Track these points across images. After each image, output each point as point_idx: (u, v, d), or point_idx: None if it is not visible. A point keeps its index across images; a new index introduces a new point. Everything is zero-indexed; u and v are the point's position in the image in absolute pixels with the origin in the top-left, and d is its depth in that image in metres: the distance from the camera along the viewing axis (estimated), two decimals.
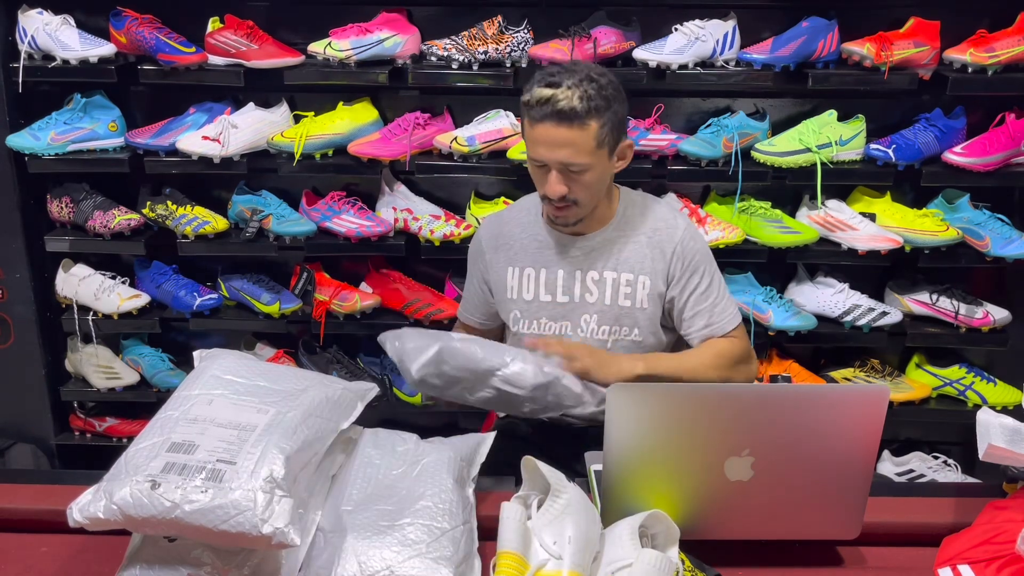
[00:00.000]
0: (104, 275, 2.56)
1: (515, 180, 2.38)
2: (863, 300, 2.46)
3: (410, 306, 2.51)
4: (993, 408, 1.44)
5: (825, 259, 2.45)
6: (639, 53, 2.29)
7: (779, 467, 1.25)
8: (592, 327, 1.77)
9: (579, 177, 1.63)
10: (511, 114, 2.37)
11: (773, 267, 2.48)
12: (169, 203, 2.46)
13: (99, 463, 1.28)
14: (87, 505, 1.12)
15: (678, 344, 1.89)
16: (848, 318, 2.45)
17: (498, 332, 1.98)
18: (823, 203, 2.41)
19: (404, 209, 2.45)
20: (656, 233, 1.76)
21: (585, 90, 1.57)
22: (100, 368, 2.60)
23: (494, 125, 2.35)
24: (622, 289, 1.75)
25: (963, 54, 2.26)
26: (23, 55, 2.34)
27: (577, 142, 1.59)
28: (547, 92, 1.57)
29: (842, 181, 2.39)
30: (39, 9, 2.33)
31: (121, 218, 2.45)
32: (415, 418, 2.61)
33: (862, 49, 2.27)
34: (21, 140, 2.36)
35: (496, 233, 1.86)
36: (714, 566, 1.24)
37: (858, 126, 2.36)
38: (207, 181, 2.53)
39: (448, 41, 2.30)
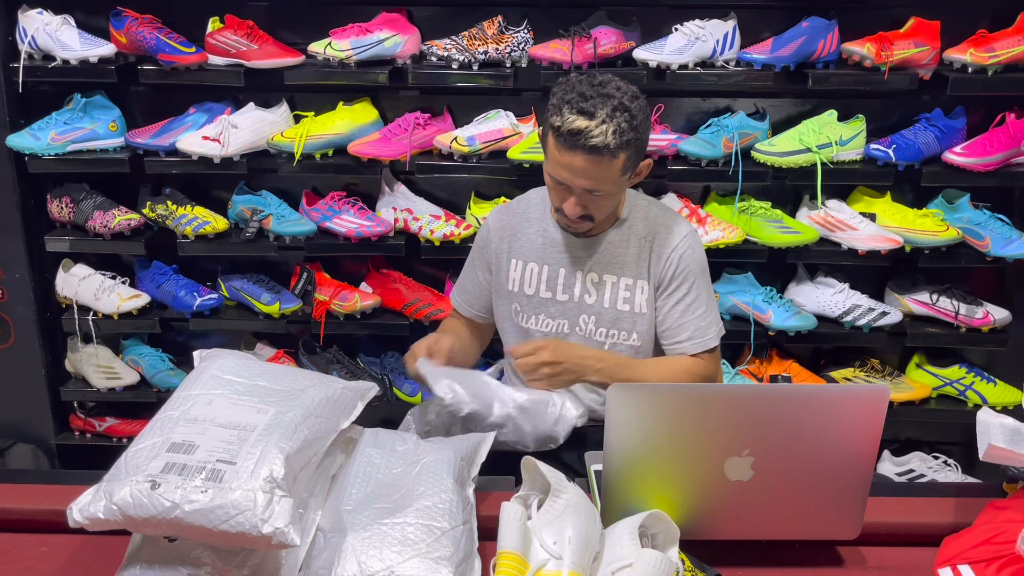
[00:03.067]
0: (104, 275, 2.56)
1: (515, 180, 2.37)
2: (863, 300, 2.46)
3: (410, 306, 2.51)
4: (993, 408, 1.44)
5: (825, 259, 2.45)
6: (639, 53, 2.29)
7: (779, 467, 1.25)
8: (590, 328, 1.77)
9: (599, 199, 1.64)
10: (511, 114, 2.37)
11: (773, 267, 2.48)
12: (169, 203, 2.46)
13: (99, 463, 1.27)
14: (87, 505, 1.12)
15: None
16: (848, 318, 2.45)
17: (490, 329, 1.98)
18: (823, 203, 2.41)
19: (404, 209, 2.45)
20: (656, 238, 1.76)
21: (619, 124, 1.53)
22: (100, 368, 2.60)
23: (494, 125, 2.35)
24: (621, 293, 1.75)
25: (963, 54, 2.26)
26: (23, 55, 2.34)
27: (604, 174, 1.58)
28: (581, 123, 1.53)
29: (842, 181, 2.39)
30: (39, 9, 2.33)
31: (121, 218, 2.45)
32: None
33: (862, 49, 2.27)
34: (21, 140, 2.36)
35: (504, 224, 1.87)
36: (714, 566, 1.24)
37: (858, 126, 2.36)
38: (207, 181, 2.53)
39: (448, 41, 2.31)
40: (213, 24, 2.34)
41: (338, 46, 2.29)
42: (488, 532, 1.23)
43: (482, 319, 1.95)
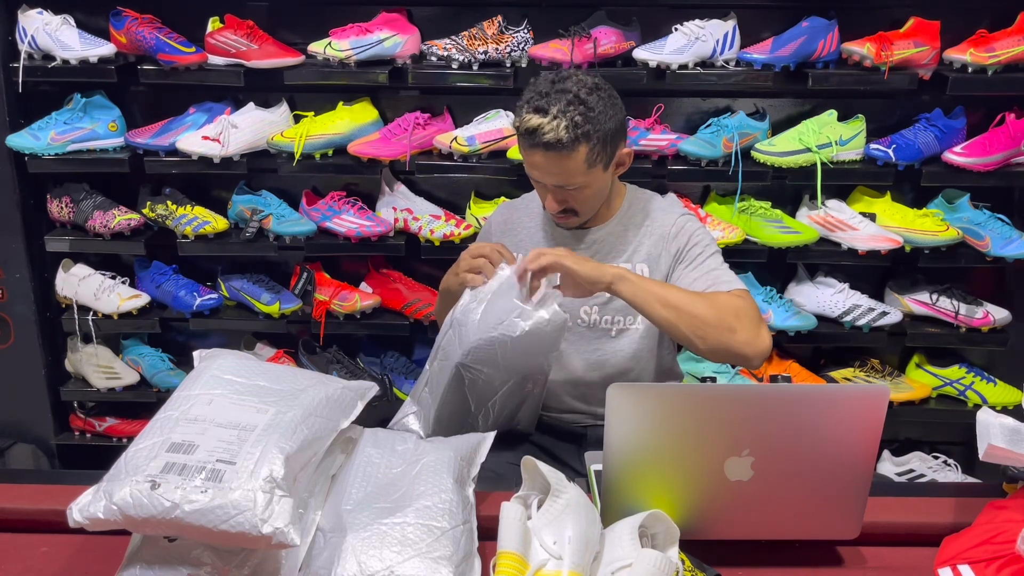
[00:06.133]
0: (104, 275, 2.56)
1: (515, 180, 2.38)
2: (863, 300, 2.46)
3: (410, 306, 2.51)
4: (993, 408, 1.44)
5: (825, 259, 2.45)
6: (639, 53, 2.29)
7: (779, 467, 1.25)
8: (594, 318, 1.77)
9: (575, 193, 1.65)
10: (511, 114, 2.37)
11: (773, 267, 2.48)
12: (169, 203, 2.46)
13: (99, 463, 1.27)
14: (87, 505, 1.12)
15: None
16: (848, 318, 2.45)
17: None
18: (823, 203, 2.41)
19: (404, 209, 2.45)
20: (653, 222, 1.77)
21: (572, 118, 1.55)
22: (100, 368, 2.60)
23: (494, 125, 2.35)
24: None
25: (963, 54, 2.26)
26: (23, 55, 2.34)
27: (568, 168, 1.59)
28: (535, 121, 1.56)
29: (842, 181, 2.39)
30: (39, 9, 2.33)
31: (121, 218, 2.45)
32: None
33: (862, 49, 2.27)
34: (21, 140, 2.36)
35: (507, 219, 1.90)
36: (714, 566, 1.24)
37: (858, 126, 2.36)
38: (207, 181, 2.53)
39: (448, 41, 2.31)
40: (213, 24, 2.34)
41: (338, 46, 2.29)
42: (488, 532, 1.22)
43: None
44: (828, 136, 2.33)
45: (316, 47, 2.31)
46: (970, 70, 2.27)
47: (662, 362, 1.82)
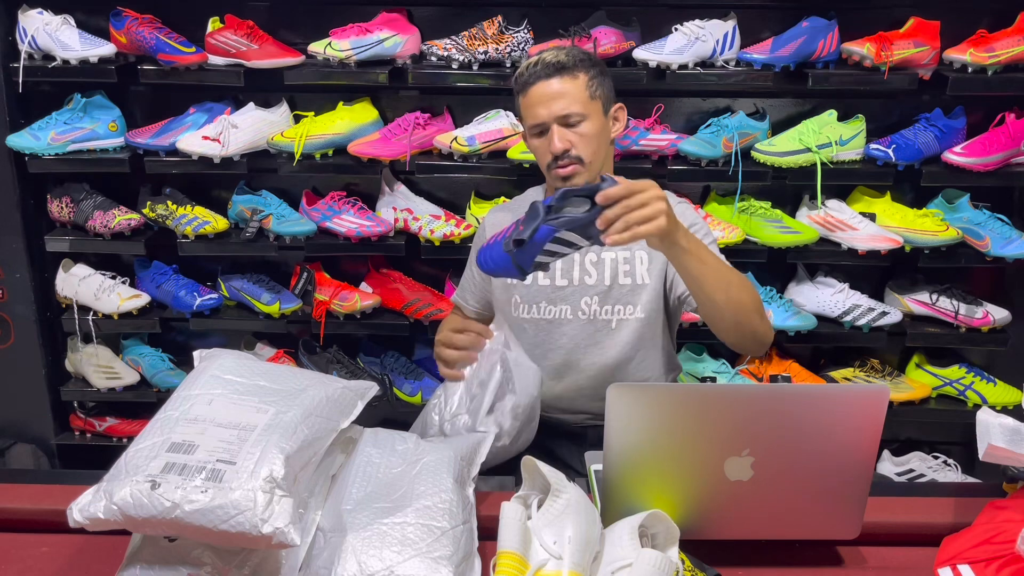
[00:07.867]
0: (104, 275, 2.56)
1: (515, 180, 2.38)
2: (863, 300, 2.46)
3: (410, 306, 2.51)
4: (993, 408, 1.44)
5: (825, 259, 2.45)
6: (639, 53, 2.29)
7: (779, 467, 1.25)
8: (594, 308, 1.77)
9: (578, 129, 1.68)
10: (511, 114, 2.37)
11: (773, 267, 2.48)
12: (169, 203, 2.46)
13: (99, 463, 1.28)
14: (87, 505, 1.12)
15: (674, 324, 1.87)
16: (848, 318, 2.45)
17: (489, 321, 1.99)
18: (823, 203, 2.41)
19: (404, 209, 2.45)
20: None
21: (570, 50, 1.70)
22: (100, 368, 2.60)
23: (494, 125, 2.35)
24: (621, 267, 1.76)
25: (963, 54, 2.26)
26: (23, 55, 2.34)
27: (570, 92, 1.67)
28: (534, 58, 1.70)
29: (842, 181, 2.39)
30: (39, 9, 2.33)
31: (121, 218, 2.45)
32: (415, 418, 2.60)
33: (862, 49, 2.27)
34: (21, 140, 2.36)
35: (500, 220, 1.89)
36: (714, 566, 1.24)
37: (858, 126, 2.36)
38: (207, 181, 2.53)
39: (448, 41, 2.31)
40: (213, 24, 2.34)
41: (338, 46, 2.29)
42: (488, 532, 1.23)
43: (477, 314, 1.97)
44: (828, 136, 2.33)
45: (316, 47, 2.31)
46: (970, 70, 2.27)
47: (666, 348, 1.83)
